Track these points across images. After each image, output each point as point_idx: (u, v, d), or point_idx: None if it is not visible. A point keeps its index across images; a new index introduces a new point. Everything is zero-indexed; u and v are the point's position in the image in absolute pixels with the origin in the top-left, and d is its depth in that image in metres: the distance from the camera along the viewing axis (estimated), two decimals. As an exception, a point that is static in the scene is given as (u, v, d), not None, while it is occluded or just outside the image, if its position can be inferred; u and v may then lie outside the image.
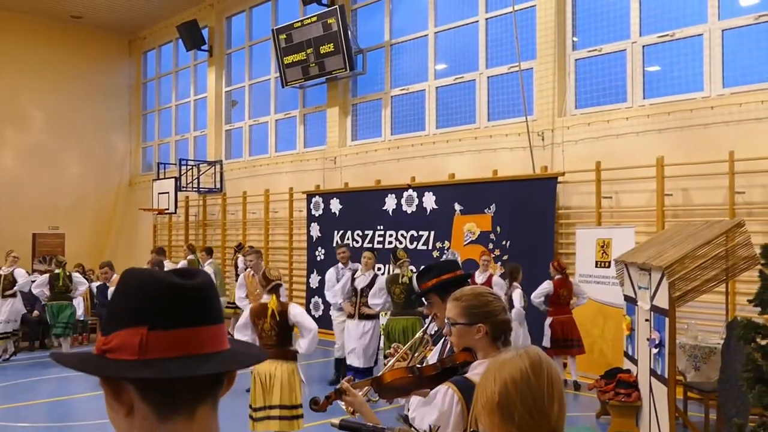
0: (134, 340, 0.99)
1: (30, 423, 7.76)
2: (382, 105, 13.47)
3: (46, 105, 18.59)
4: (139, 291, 1.02)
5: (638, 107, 9.59)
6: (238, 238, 15.86)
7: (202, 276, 1.06)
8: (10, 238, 16.94)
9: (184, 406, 1.02)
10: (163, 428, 1.01)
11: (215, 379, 1.04)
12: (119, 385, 1.02)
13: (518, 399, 1.56)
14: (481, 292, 2.50)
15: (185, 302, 1.02)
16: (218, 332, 1.05)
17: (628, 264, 7.27)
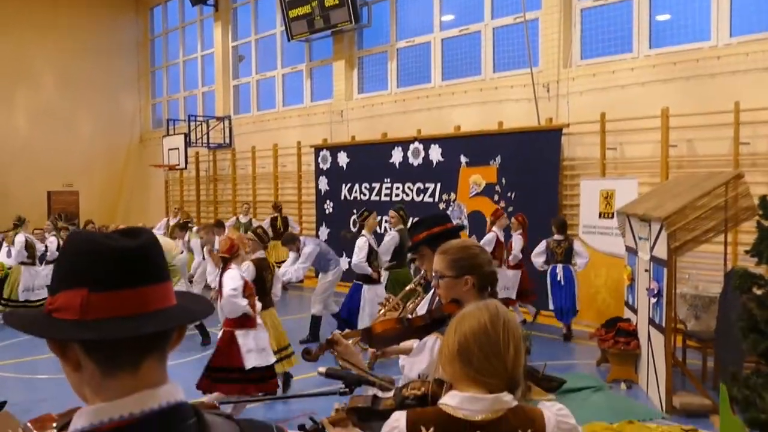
0: (75, 302, 1.02)
1: (48, 375, 8.06)
2: (388, 57, 13.42)
3: (56, 64, 18.65)
4: (79, 253, 1.04)
5: (644, 57, 9.51)
6: (249, 192, 16.06)
7: (145, 236, 1.07)
8: (26, 197, 17.27)
9: (127, 361, 1.04)
10: (108, 383, 1.04)
11: (160, 334, 1.06)
12: (64, 343, 1.05)
13: (476, 346, 1.70)
14: (468, 245, 2.54)
15: (124, 263, 1.03)
16: (161, 290, 1.07)
17: (629, 215, 7.35)
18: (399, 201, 12.23)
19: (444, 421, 1.68)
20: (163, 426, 1.04)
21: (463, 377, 1.73)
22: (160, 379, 1.07)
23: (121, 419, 1.01)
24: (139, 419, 1.02)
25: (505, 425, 1.68)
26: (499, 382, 1.71)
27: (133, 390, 1.04)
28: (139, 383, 1.04)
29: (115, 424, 1.01)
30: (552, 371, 6.86)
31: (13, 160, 17.40)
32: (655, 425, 5.58)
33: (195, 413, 1.09)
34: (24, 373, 8.03)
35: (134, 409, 1.02)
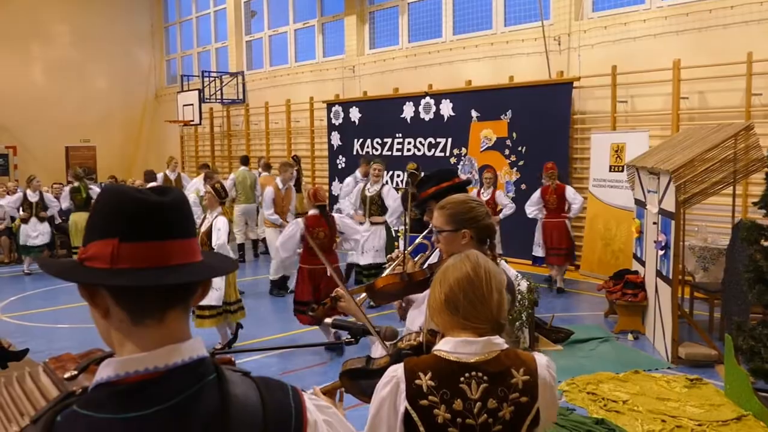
0: (106, 251, 1.06)
1: (69, 324, 8.35)
2: (399, 12, 13.32)
3: (70, 20, 18.69)
4: (112, 206, 1.09)
5: (656, 9, 9.39)
6: (262, 147, 16.18)
7: (174, 193, 1.11)
8: (44, 152, 17.56)
9: (154, 311, 1.09)
10: (136, 330, 1.08)
11: (185, 287, 1.11)
12: (95, 290, 1.09)
13: (461, 294, 1.79)
14: (465, 200, 2.57)
15: (153, 217, 1.08)
16: (188, 245, 1.12)
17: (638, 168, 7.37)
18: (410, 156, 12.31)
19: (440, 365, 1.75)
20: (186, 380, 1.07)
21: (453, 325, 1.80)
22: (184, 333, 1.12)
23: (146, 372, 1.05)
24: (162, 373, 1.06)
25: (499, 365, 1.75)
26: (486, 326, 1.78)
27: (160, 339, 1.08)
28: (165, 333, 1.09)
29: (140, 376, 1.05)
30: (559, 323, 7.04)
31: (31, 116, 17.60)
32: (660, 375, 5.73)
33: (215, 369, 1.12)
34: (45, 323, 8.29)
35: (159, 363, 1.06)
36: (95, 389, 1.06)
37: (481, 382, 1.73)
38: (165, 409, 1.04)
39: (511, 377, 1.75)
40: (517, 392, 1.75)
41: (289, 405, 1.18)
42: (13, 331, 7.54)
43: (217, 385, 1.10)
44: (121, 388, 1.05)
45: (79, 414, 1.04)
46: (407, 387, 1.73)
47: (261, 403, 1.14)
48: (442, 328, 1.83)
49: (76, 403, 1.05)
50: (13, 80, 17.23)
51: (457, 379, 1.73)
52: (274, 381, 1.22)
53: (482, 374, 1.74)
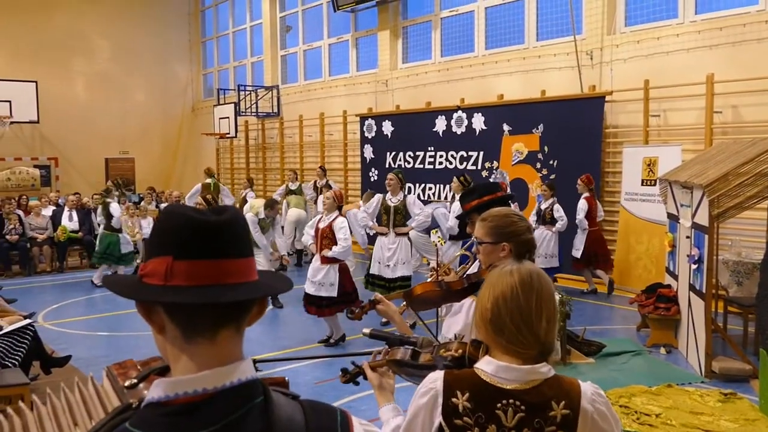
0: (161, 268, 1.08)
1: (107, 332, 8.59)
2: (432, 27, 13.49)
3: (111, 35, 19.25)
4: (168, 224, 1.12)
5: (689, 23, 9.40)
6: (296, 160, 16.44)
7: (230, 213, 1.12)
8: (85, 164, 18.07)
9: (205, 329, 1.09)
10: (188, 347, 1.10)
11: (238, 306, 1.12)
12: (151, 306, 1.12)
13: (508, 317, 1.71)
14: (507, 214, 2.60)
15: (207, 236, 1.09)
16: (241, 264, 1.12)
17: (671, 182, 7.37)
18: (442, 169, 12.43)
19: (479, 386, 1.71)
20: (233, 403, 1.07)
21: (496, 345, 1.75)
22: (236, 353, 1.12)
23: (195, 393, 1.05)
24: (211, 395, 1.06)
25: (539, 395, 1.69)
26: (533, 352, 1.72)
27: (211, 358, 1.09)
28: (217, 352, 1.10)
29: (189, 398, 1.05)
30: (591, 336, 7.06)
31: (72, 129, 18.12)
32: (694, 389, 5.70)
33: (263, 391, 1.12)
34: (86, 330, 8.52)
35: (208, 384, 1.06)
36: (146, 408, 1.08)
37: (518, 411, 1.68)
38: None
39: (550, 410, 1.69)
40: (554, 426, 1.69)
41: (335, 427, 1.17)
42: (55, 338, 7.78)
43: (263, 409, 1.09)
44: (170, 409, 1.05)
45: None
46: (444, 403, 1.72)
47: (305, 428, 1.13)
48: (486, 342, 1.81)
49: (129, 421, 1.07)
50: (56, 94, 17.78)
51: (494, 404, 1.69)
52: (322, 405, 1.21)
53: (520, 403, 1.68)
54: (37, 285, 11.51)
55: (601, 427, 1.72)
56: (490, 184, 3.40)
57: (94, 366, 7.04)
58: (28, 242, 12.27)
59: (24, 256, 12.16)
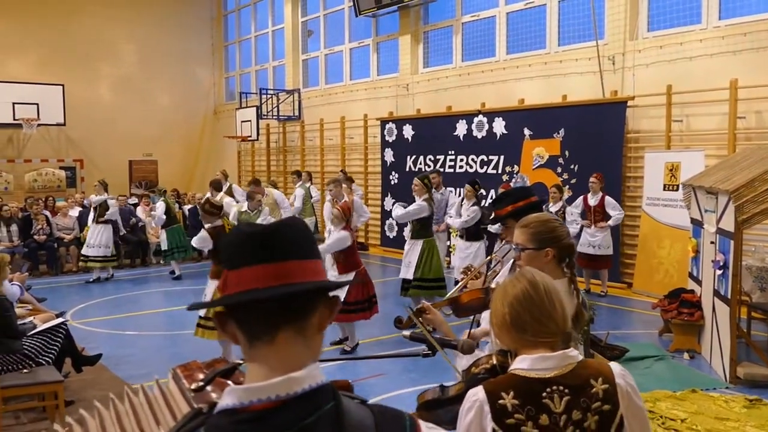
0: (222, 281, 1.17)
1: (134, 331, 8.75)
2: (453, 32, 13.57)
3: (136, 39, 19.55)
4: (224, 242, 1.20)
5: (713, 29, 9.39)
6: (317, 163, 16.58)
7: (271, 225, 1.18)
8: (109, 165, 18.32)
9: (262, 331, 1.13)
10: (252, 351, 1.15)
11: (290, 308, 1.14)
12: (225, 319, 1.17)
13: (527, 314, 1.83)
14: (548, 219, 2.64)
15: (245, 245, 1.15)
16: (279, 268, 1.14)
17: (695, 187, 7.38)
18: (463, 172, 12.49)
19: (521, 383, 1.78)
20: (304, 409, 1.09)
21: (523, 344, 1.84)
22: (301, 357, 1.14)
23: (268, 401, 1.08)
24: (283, 401, 1.08)
25: (577, 377, 1.78)
26: (556, 339, 1.82)
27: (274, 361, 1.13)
28: (279, 355, 1.13)
29: (261, 405, 1.08)
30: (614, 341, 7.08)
31: (97, 131, 18.42)
32: (718, 395, 5.69)
33: (334, 396, 1.13)
34: (112, 329, 8.68)
35: (280, 391, 1.09)
36: (219, 415, 1.11)
37: (564, 395, 1.76)
38: None
39: (591, 387, 1.78)
40: (599, 401, 1.77)
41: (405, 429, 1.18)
42: (84, 337, 7.93)
43: (334, 415, 1.11)
44: (244, 417, 1.08)
45: None
46: (491, 408, 1.76)
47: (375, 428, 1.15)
48: (512, 347, 1.88)
49: (203, 428, 1.11)
50: (82, 97, 18.09)
51: (539, 395, 1.76)
52: (390, 410, 1.22)
53: (563, 387, 1.76)
54: (64, 284, 11.73)
55: (636, 403, 1.82)
56: (523, 188, 3.43)
57: (124, 365, 7.20)
58: (55, 242, 12.51)
59: (51, 256, 12.40)
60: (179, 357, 7.51)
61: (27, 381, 5.39)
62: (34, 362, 5.69)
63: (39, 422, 5.71)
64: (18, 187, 17.54)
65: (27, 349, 5.73)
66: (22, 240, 12.14)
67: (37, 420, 5.77)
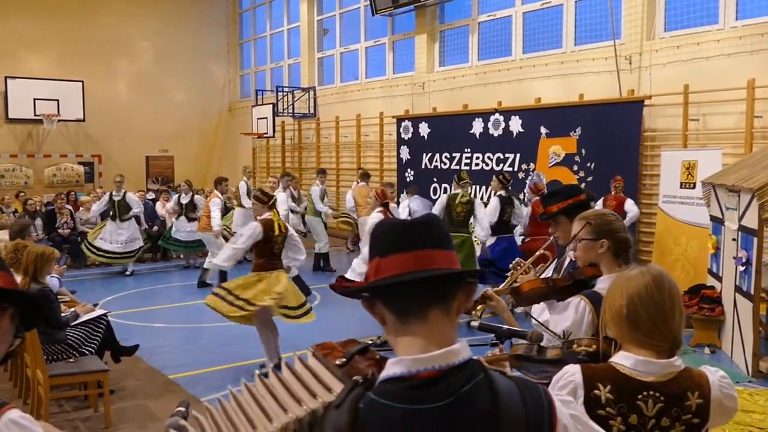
0: (372, 268, 1.31)
1: (163, 323, 8.97)
2: (470, 31, 13.73)
3: (153, 37, 19.76)
4: (375, 233, 1.35)
5: (730, 29, 9.53)
6: (332, 160, 16.77)
7: (425, 216, 1.34)
8: (127, 161, 18.56)
9: (414, 309, 1.27)
10: (403, 329, 1.28)
11: (440, 290, 1.28)
12: (372, 302, 1.32)
13: (644, 311, 1.83)
14: (605, 213, 2.81)
15: (400, 234, 1.30)
16: (431, 255, 1.28)
17: (716, 185, 7.52)
18: (479, 170, 12.67)
19: (619, 379, 1.82)
20: (461, 379, 1.23)
21: (631, 340, 1.86)
22: (451, 335, 1.29)
23: (432, 369, 1.22)
24: (445, 371, 1.23)
25: (676, 386, 1.81)
26: (666, 345, 1.84)
27: (427, 338, 1.26)
28: (431, 331, 1.27)
29: (428, 373, 1.22)
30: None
31: (114, 127, 18.63)
32: (742, 388, 5.77)
33: (482, 369, 1.27)
34: (139, 321, 8.88)
35: (442, 362, 1.23)
36: (386, 382, 1.25)
37: (658, 402, 1.81)
38: (448, 404, 1.21)
39: (687, 399, 1.83)
40: (689, 414, 1.82)
41: (543, 405, 1.30)
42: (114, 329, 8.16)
43: (486, 384, 1.24)
44: (412, 383, 1.23)
45: (378, 402, 1.23)
46: (585, 395, 1.81)
47: (522, 402, 1.27)
48: (618, 339, 1.92)
49: (373, 393, 1.24)
50: (100, 93, 18.31)
51: (635, 396, 1.81)
52: (527, 381, 1.35)
53: (659, 394, 1.81)
54: (88, 278, 11.97)
55: (728, 406, 1.92)
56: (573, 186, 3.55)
57: (156, 356, 7.40)
58: (78, 236, 12.73)
59: (75, 249, 12.62)
60: (209, 348, 7.77)
61: (74, 370, 5.60)
62: (78, 352, 5.89)
63: (81, 410, 5.92)
64: (37, 182, 17.81)
65: (70, 339, 5.93)
66: (47, 234, 12.36)
67: (79, 408, 5.98)
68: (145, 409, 5.98)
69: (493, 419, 1.22)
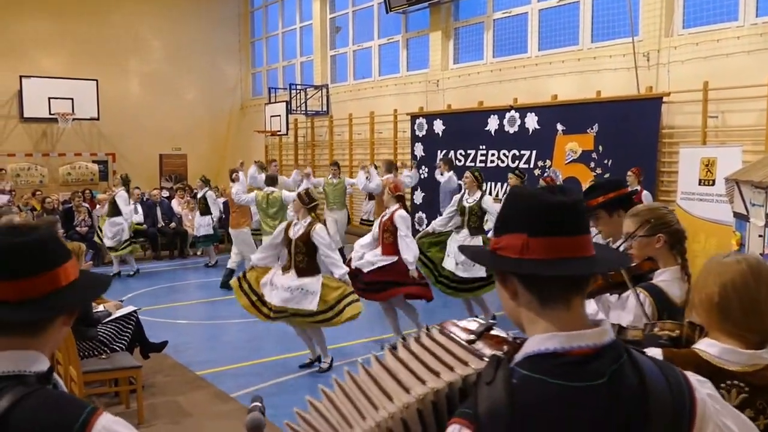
0: (517, 243, 1.25)
1: (186, 320, 9.05)
2: (485, 28, 13.74)
3: (165, 36, 19.82)
4: (522, 205, 1.28)
5: (750, 26, 9.53)
6: (345, 157, 16.81)
7: (573, 194, 1.28)
8: (140, 159, 18.66)
9: (560, 296, 1.25)
10: (544, 311, 1.26)
11: (584, 277, 1.28)
12: (505, 275, 1.29)
13: (736, 300, 1.78)
14: (657, 206, 2.76)
15: (558, 216, 1.24)
16: (583, 241, 1.27)
17: (740, 182, 7.54)
18: (494, 167, 12.69)
19: (702, 366, 1.75)
20: (611, 358, 1.23)
21: (719, 329, 1.81)
22: (586, 318, 1.28)
23: (587, 347, 1.22)
24: (598, 349, 1.23)
25: (763, 378, 1.75)
26: (756, 337, 1.77)
27: (569, 322, 1.25)
28: (574, 316, 1.26)
29: (582, 351, 1.22)
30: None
31: (127, 126, 18.68)
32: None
33: (626, 349, 1.27)
34: (162, 318, 8.98)
35: (597, 340, 1.24)
36: (537, 357, 1.24)
37: (741, 392, 1.76)
38: (602, 383, 1.20)
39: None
40: None
41: (682, 383, 1.30)
42: (141, 325, 8.23)
43: (631, 364, 1.25)
44: (567, 359, 1.22)
45: (532, 378, 1.21)
46: None
47: (666, 381, 1.27)
48: (705, 325, 1.89)
49: (525, 368, 1.22)
50: (114, 92, 18.38)
51: (717, 384, 1.71)
52: (663, 361, 1.37)
53: (744, 384, 1.76)
54: (107, 276, 12.04)
55: None
56: (614, 180, 3.54)
57: (183, 352, 7.47)
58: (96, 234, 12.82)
59: (92, 247, 12.69)
60: (234, 344, 7.83)
61: (107, 366, 5.67)
62: (109, 348, 5.96)
63: (113, 407, 5.99)
64: (52, 181, 17.91)
65: (102, 335, 6.00)
66: (65, 232, 12.44)
67: (111, 405, 6.05)
68: (176, 404, 6.05)
69: (642, 399, 1.22)
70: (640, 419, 1.22)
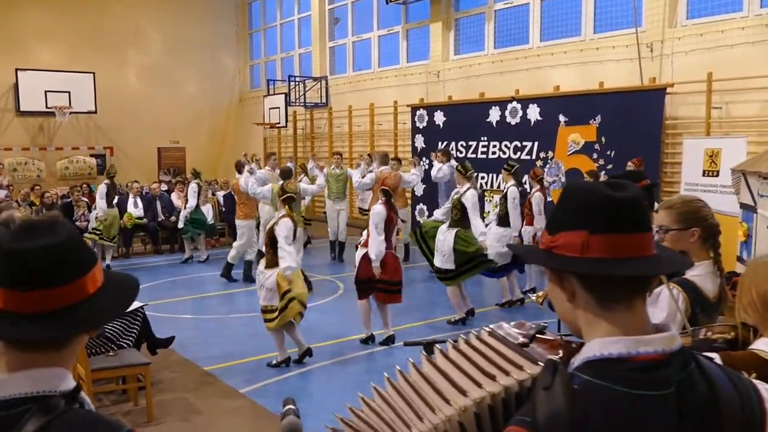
0: (577, 241, 1.17)
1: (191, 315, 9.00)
2: (486, 19, 13.66)
3: (163, 28, 19.70)
4: (581, 201, 1.20)
5: (754, 16, 9.49)
6: (345, 149, 16.74)
7: (634, 189, 1.20)
8: (138, 152, 18.56)
9: (622, 298, 1.18)
10: (604, 313, 1.18)
11: (647, 277, 1.21)
12: (562, 275, 1.21)
13: None
14: (692, 199, 2.65)
15: (620, 212, 1.17)
16: (646, 239, 1.20)
17: (746, 173, 7.52)
18: (495, 158, 12.65)
19: (763, 366, 1.73)
20: (680, 365, 1.16)
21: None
22: (648, 321, 1.21)
23: (655, 353, 1.15)
24: (667, 356, 1.16)
25: None
26: None
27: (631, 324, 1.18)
28: (635, 318, 1.19)
29: (650, 356, 1.14)
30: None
31: (126, 119, 18.61)
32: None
33: (693, 357, 1.20)
34: (168, 313, 8.91)
35: (665, 346, 1.16)
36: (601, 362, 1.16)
37: None
38: (670, 393, 1.13)
39: None
40: None
41: (751, 392, 1.23)
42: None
43: (699, 372, 1.18)
44: (633, 365, 1.14)
45: (595, 384, 1.13)
46: None
47: (736, 390, 1.20)
48: (758, 325, 1.87)
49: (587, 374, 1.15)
50: (111, 85, 18.25)
51: None
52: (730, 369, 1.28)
53: None
54: (106, 270, 11.97)
55: None
56: (635, 172, 3.47)
57: (189, 347, 7.42)
58: (95, 229, 12.72)
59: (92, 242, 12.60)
60: (238, 339, 7.78)
61: (116, 363, 5.61)
62: (116, 345, 5.91)
63: (121, 404, 5.95)
64: (50, 175, 17.80)
65: (108, 332, 5.94)
66: (65, 227, 12.35)
67: (118, 402, 6.00)
68: (185, 401, 6.00)
69: (714, 409, 1.16)
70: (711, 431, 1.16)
